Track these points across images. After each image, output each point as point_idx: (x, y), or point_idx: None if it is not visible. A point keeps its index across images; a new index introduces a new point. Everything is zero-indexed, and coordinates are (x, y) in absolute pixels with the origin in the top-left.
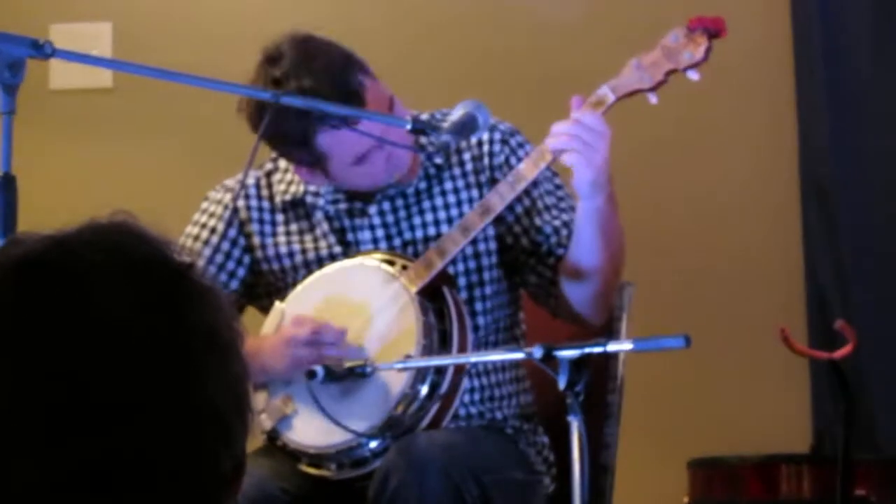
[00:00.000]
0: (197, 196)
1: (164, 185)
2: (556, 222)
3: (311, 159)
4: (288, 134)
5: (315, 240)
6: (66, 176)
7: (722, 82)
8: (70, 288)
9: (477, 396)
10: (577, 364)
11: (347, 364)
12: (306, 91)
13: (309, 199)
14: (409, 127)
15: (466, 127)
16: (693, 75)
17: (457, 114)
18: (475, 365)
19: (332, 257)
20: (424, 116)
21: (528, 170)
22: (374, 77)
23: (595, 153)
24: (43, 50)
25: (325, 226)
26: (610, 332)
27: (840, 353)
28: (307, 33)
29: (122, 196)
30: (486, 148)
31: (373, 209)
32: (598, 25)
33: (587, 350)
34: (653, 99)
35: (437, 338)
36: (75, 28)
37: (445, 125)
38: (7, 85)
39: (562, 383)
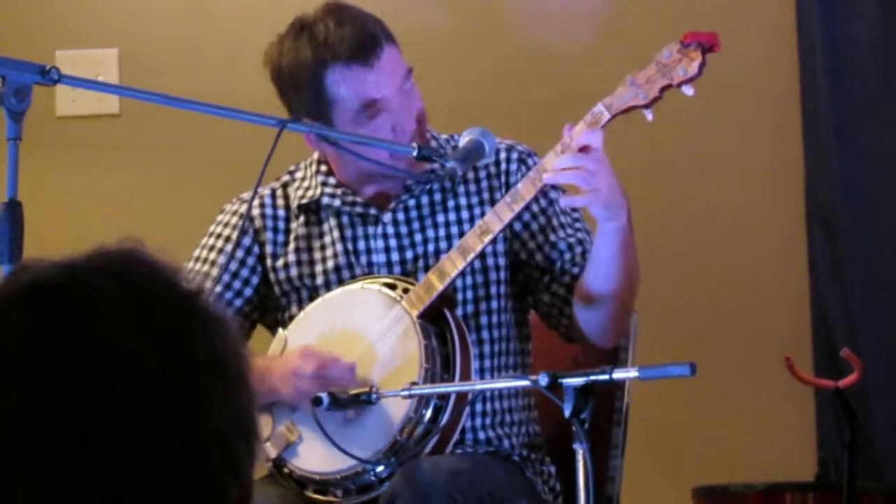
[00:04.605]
0: (203, 221)
1: (170, 210)
2: (571, 239)
3: (317, 105)
4: (299, 72)
5: (323, 247)
6: (71, 202)
7: (728, 110)
8: (79, 315)
9: (488, 421)
10: (582, 392)
11: (353, 391)
12: (330, 31)
13: (325, 199)
14: (414, 154)
15: (473, 153)
16: (688, 91)
17: (464, 140)
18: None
19: (338, 269)
20: (444, 137)
21: (525, 190)
22: (398, 48)
23: (596, 178)
24: (49, 76)
25: (336, 233)
26: (616, 361)
27: (845, 382)
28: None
29: (129, 222)
30: (503, 166)
31: (386, 217)
32: (601, 48)
33: (592, 378)
34: (649, 115)
35: (440, 361)
36: (82, 54)
37: (452, 152)
38: (13, 111)
39: (567, 411)
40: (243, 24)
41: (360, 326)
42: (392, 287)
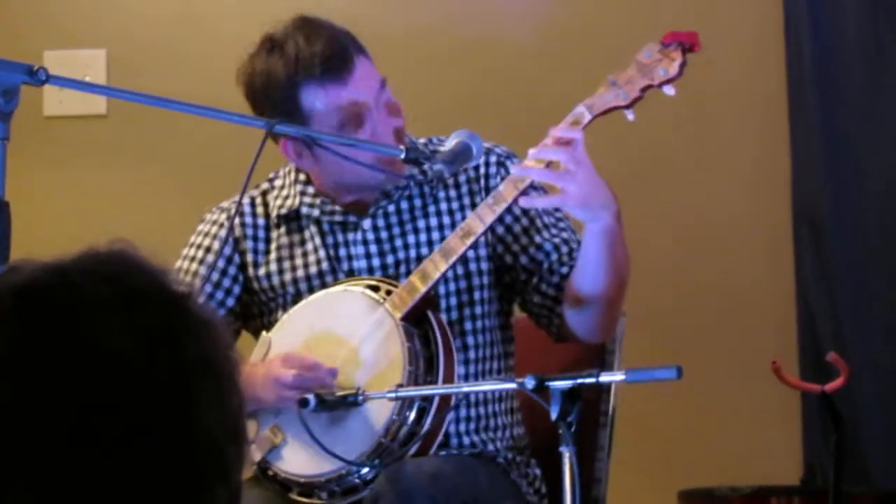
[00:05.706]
0: (190, 222)
1: (157, 211)
2: (556, 239)
3: (293, 120)
4: (272, 91)
5: (305, 255)
6: (59, 202)
7: (714, 111)
8: (70, 317)
9: (472, 426)
10: (569, 395)
11: (339, 393)
12: (300, 49)
13: (304, 209)
14: (402, 156)
15: (460, 156)
16: (669, 91)
17: (451, 143)
18: (470, 394)
19: (321, 274)
20: (422, 141)
21: (507, 192)
22: (370, 59)
23: (568, 178)
24: (37, 76)
25: (318, 240)
26: (602, 364)
27: (831, 386)
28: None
29: (116, 223)
30: (482, 170)
31: (366, 223)
32: (584, 48)
33: (579, 381)
34: (630, 116)
35: (423, 363)
36: (70, 55)
37: (439, 154)
38: (1, 111)
39: (554, 414)
40: (231, 25)
41: (344, 329)
42: (375, 289)
